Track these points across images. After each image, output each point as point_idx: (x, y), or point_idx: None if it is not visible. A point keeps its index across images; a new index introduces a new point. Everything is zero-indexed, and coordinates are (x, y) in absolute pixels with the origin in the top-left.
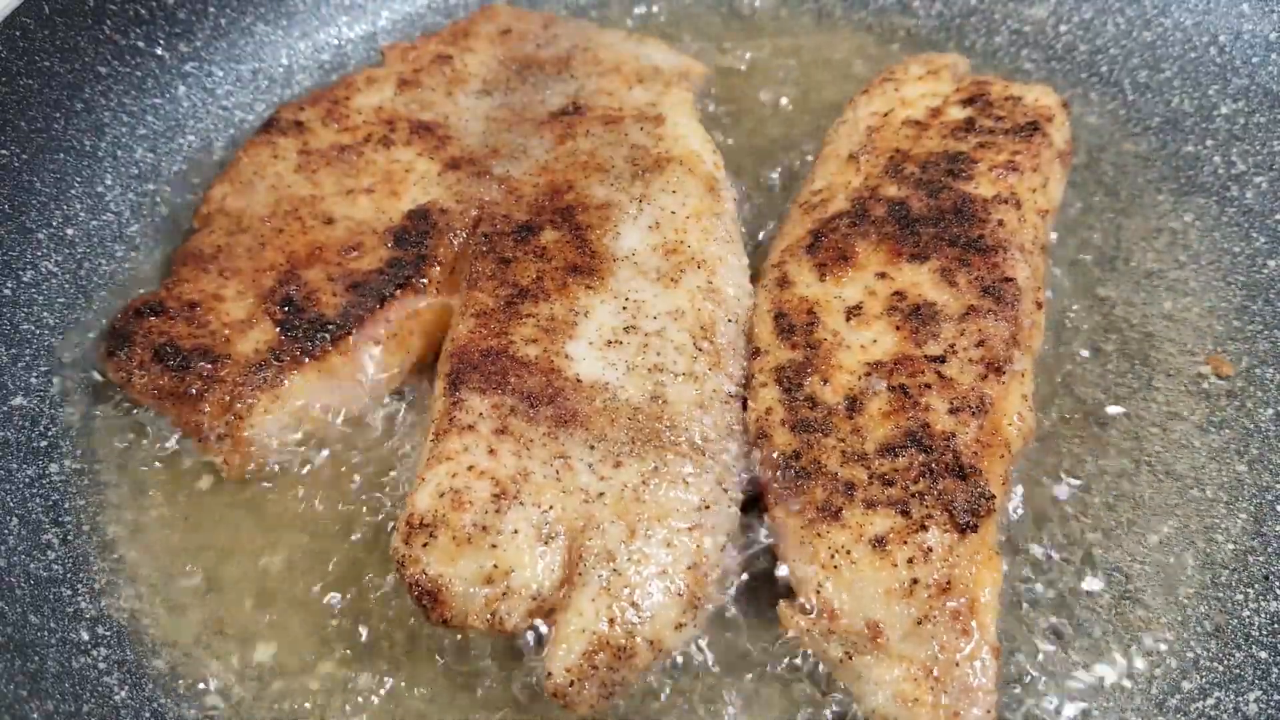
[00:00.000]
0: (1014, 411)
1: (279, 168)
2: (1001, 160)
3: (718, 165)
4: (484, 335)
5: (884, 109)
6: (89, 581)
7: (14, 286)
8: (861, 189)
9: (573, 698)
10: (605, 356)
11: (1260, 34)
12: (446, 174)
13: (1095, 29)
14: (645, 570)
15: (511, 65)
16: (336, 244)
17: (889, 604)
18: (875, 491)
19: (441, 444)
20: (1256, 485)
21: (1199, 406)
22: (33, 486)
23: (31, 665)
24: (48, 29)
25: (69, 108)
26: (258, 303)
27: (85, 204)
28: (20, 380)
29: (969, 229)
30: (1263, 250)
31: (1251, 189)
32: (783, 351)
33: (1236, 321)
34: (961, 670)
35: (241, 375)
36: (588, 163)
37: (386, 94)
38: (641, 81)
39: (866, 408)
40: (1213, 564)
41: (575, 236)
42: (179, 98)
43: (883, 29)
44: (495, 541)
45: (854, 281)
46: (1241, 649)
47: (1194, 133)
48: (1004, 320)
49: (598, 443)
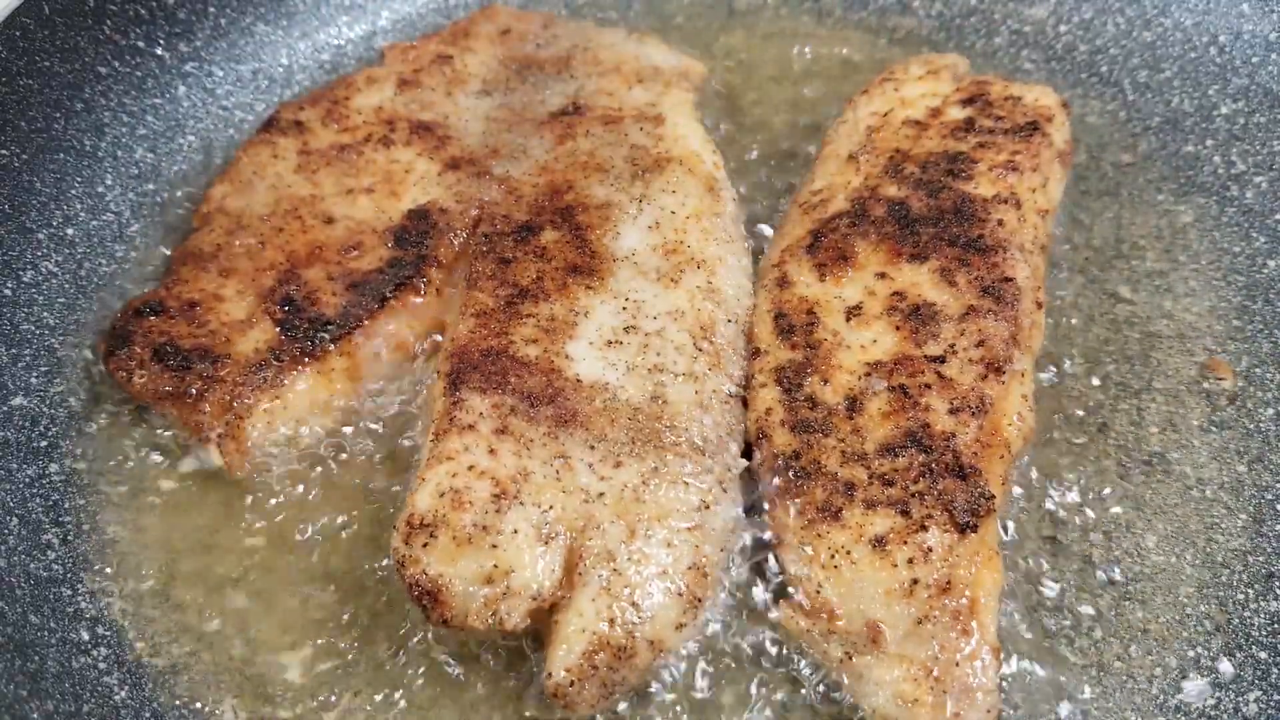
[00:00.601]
0: (1014, 411)
1: (279, 167)
2: (1001, 160)
3: (717, 165)
4: (484, 335)
5: (884, 109)
6: (89, 581)
7: (14, 286)
8: (861, 189)
9: (573, 698)
10: (605, 356)
11: (1260, 34)
12: (446, 174)
13: (1095, 29)
14: (645, 570)
15: (511, 65)
16: (336, 244)
17: (889, 604)
18: (875, 492)
19: (441, 444)
20: (1256, 485)
21: (1199, 406)
22: (33, 486)
23: (31, 665)
24: (48, 29)
25: (69, 108)
26: (258, 302)
27: (85, 204)
28: (20, 380)
29: (969, 229)
30: (1263, 250)
31: (1251, 189)
32: (783, 352)
33: (1236, 321)
34: (961, 670)
35: (241, 375)
36: (588, 163)
37: (386, 94)
38: (641, 81)
39: (866, 408)
40: (1213, 564)
41: (575, 236)
42: (179, 98)
43: (883, 29)
44: (495, 541)
45: (854, 281)
46: (1241, 649)
47: (1194, 133)
48: (1004, 320)
49: (598, 443)
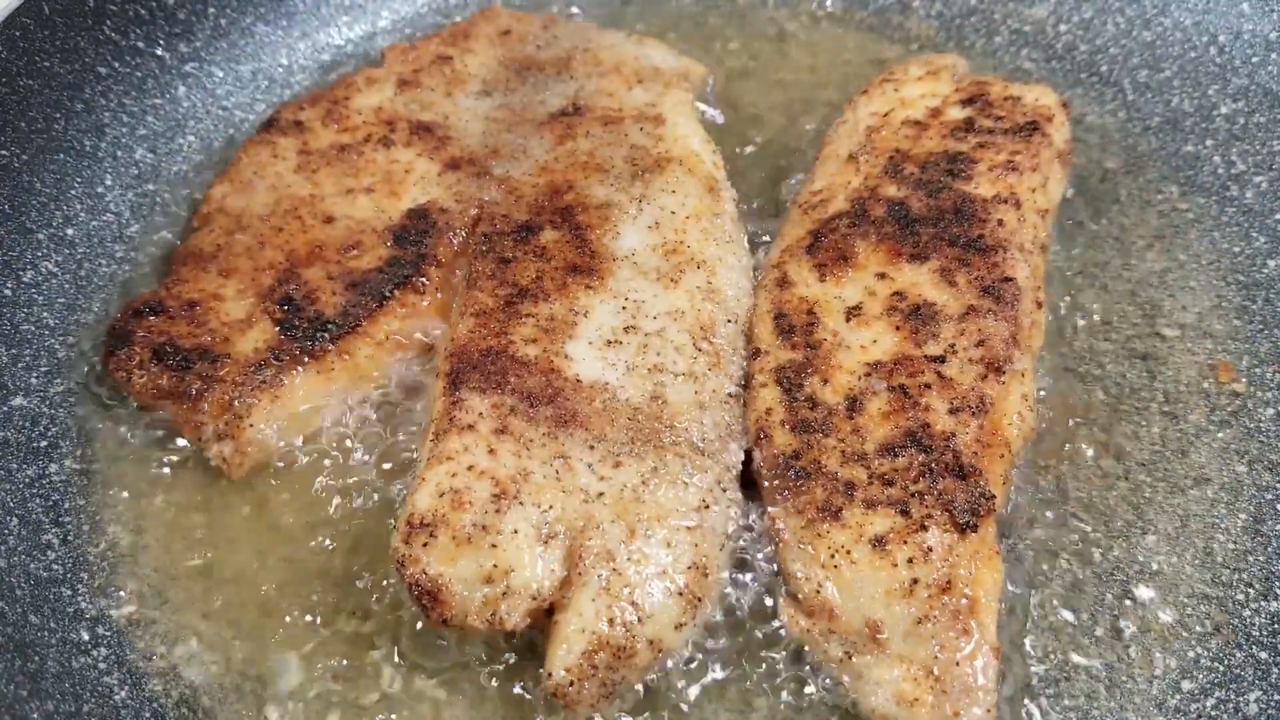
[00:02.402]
0: (1014, 411)
1: (279, 167)
2: (1001, 160)
3: (717, 165)
4: (484, 335)
5: (884, 109)
6: (89, 581)
7: (14, 286)
8: (861, 189)
9: (573, 698)
10: (605, 356)
11: (1260, 34)
12: (446, 174)
13: (1095, 29)
14: (645, 570)
15: (511, 66)
16: (336, 243)
17: (889, 604)
18: (875, 491)
19: (441, 444)
20: (1256, 485)
21: (1199, 406)
22: (33, 486)
23: (31, 665)
24: (48, 29)
25: (69, 108)
26: (257, 302)
27: (85, 204)
28: (20, 380)
29: (969, 229)
30: (1263, 250)
31: (1251, 189)
32: (782, 352)
33: (1237, 321)
34: (961, 670)
35: (241, 375)
36: (587, 163)
37: (386, 94)
38: (641, 82)
39: (866, 408)
40: (1213, 564)
41: (575, 236)
42: (179, 98)
43: (883, 29)
44: (495, 541)
45: (854, 282)
46: (1241, 649)
47: (1194, 133)
48: (1004, 320)
49: (597, 443)
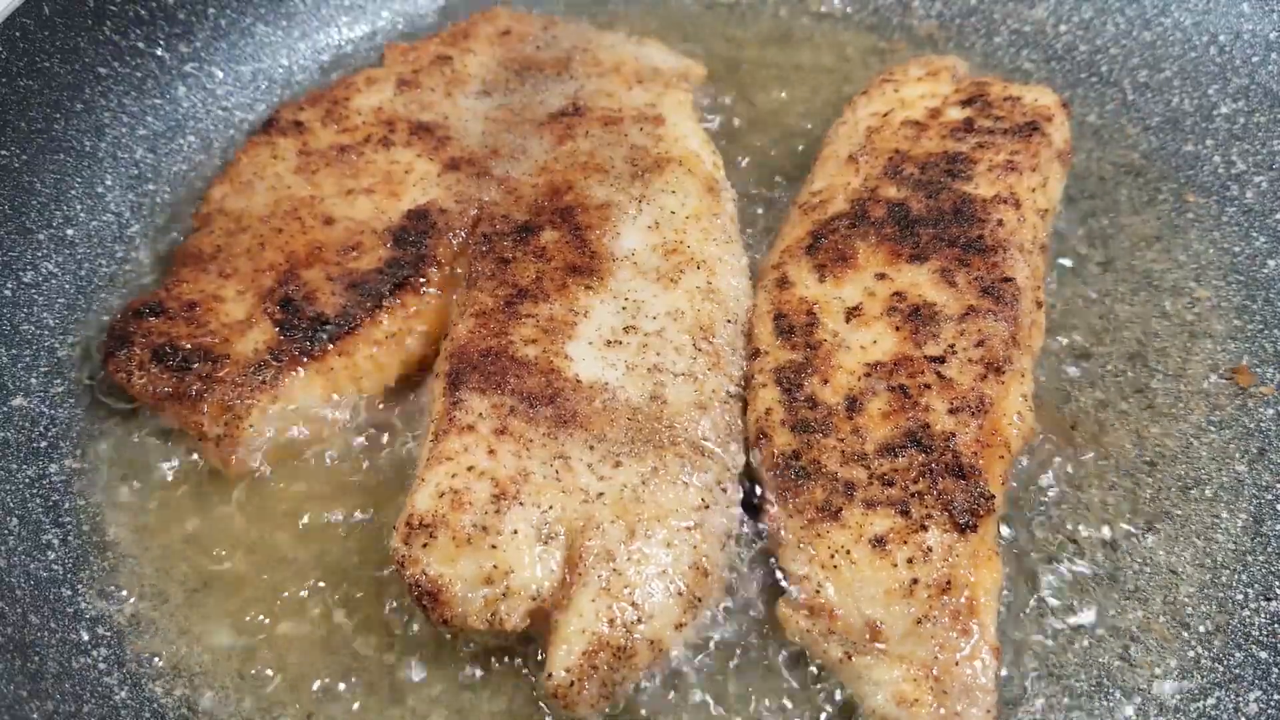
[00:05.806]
0: (1013, 411)
1: (279, 168)
2: (1001, 160)
3: (717, 166)
4: (483, 335)
5: (883, 110)
6: (89, 581)
7: (14, 287)
8: (861, 190)
9: (573, 698)
10: (605, 357)
11: (1260, 34)
12: (446, 174)
13: (1095, 29)
14: (645, 570)
15: (511, 66)
16: (336, 244)
17: (889, 604)
18: (875, 491)
19: (441, 444)
20: (1256, 485)
21: (1199, 406)
22: (33, 486)
23: (31, 665)
24: (48, 29)
25: (69, 108)
26: (257, 303)
27: (85, 204)
28: (20, 380)
29: (968, 229)
30: (1263, 250)
31: (1251, 189)
32: (782, 352)
33: (1237, 321)
34: (961, 670)
35: (241, 375)
36: (587, 163)
37: (386, 94)
38: (641, 82)
39: (866, 408)
40: (1213, 564)
41: (575, 237)
42: (179, 98)
43: (883, 29)
44: (495, 542)
45: (853, 282)
46: (1241, 649)
47: (1194, 133)
48: (1004, 320)
49: (597, 443)
